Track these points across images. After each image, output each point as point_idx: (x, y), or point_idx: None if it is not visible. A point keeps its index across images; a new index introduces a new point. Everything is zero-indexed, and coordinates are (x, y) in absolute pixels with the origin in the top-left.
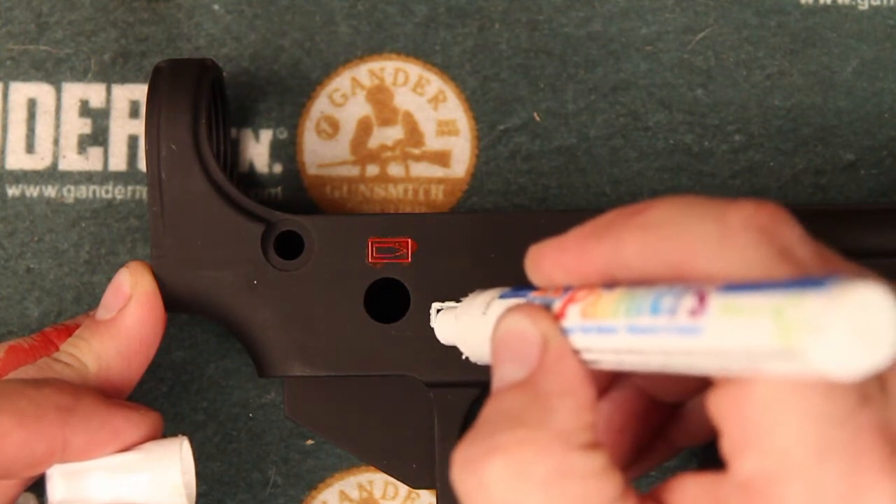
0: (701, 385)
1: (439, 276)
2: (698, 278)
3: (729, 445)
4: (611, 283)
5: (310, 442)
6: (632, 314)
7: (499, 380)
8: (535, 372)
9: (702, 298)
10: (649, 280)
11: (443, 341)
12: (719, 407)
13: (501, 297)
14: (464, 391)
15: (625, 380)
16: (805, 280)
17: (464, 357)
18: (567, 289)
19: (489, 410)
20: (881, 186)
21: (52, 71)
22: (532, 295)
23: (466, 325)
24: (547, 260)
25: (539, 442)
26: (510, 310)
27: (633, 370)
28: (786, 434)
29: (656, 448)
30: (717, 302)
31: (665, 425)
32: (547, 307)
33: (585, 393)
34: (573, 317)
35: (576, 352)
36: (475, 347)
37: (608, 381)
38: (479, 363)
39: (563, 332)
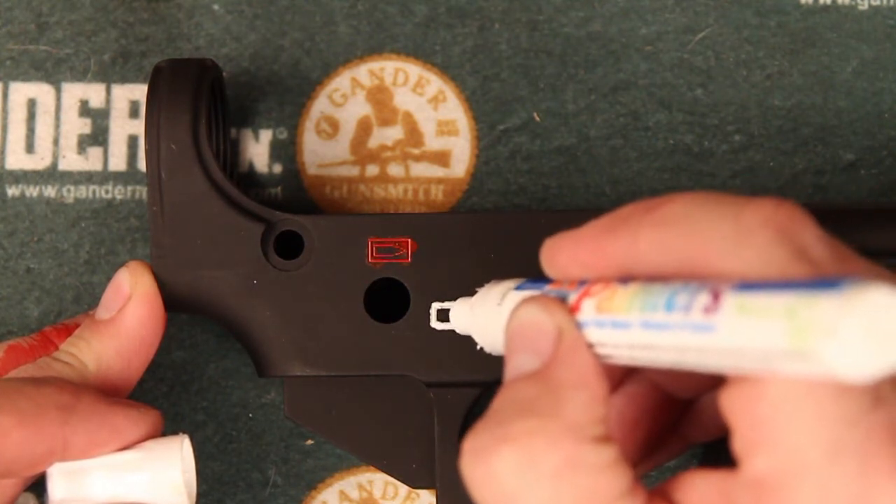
0: (715, 382)
1: (439, 276)
2: (714, 276)
3: (740, 443)
4: (626, 278)
5: (310, 442)
6: (646, 310)
7: (512, 370)
8: (548, 363)
9: (716, 296)
10: (664, 276)
11: (458, 331)
12: (731, 405)
13: (517, 288)
14: (464, 391)
15: (639, 374)
16: (819, 281)
17: (478, 347)
18: (582, 282)
19: (501, 400)
20: (881, 186)
21: (52, 71)
22: (547, 287)
23: (481, 315)
24: (562, 253)
25: (550, 433)
26: (526, 301)
27: (646, 365)
28: (798, 434)
29: (667, 443)
30: (732, 300)
31: (677, 421)
32: (562, 300)
33: (598, 386)
34: (588, 311)
35: (590, 345)
36: (489, 338)
37: (622, 375)
38: (493, 353)
39: (578, 326)
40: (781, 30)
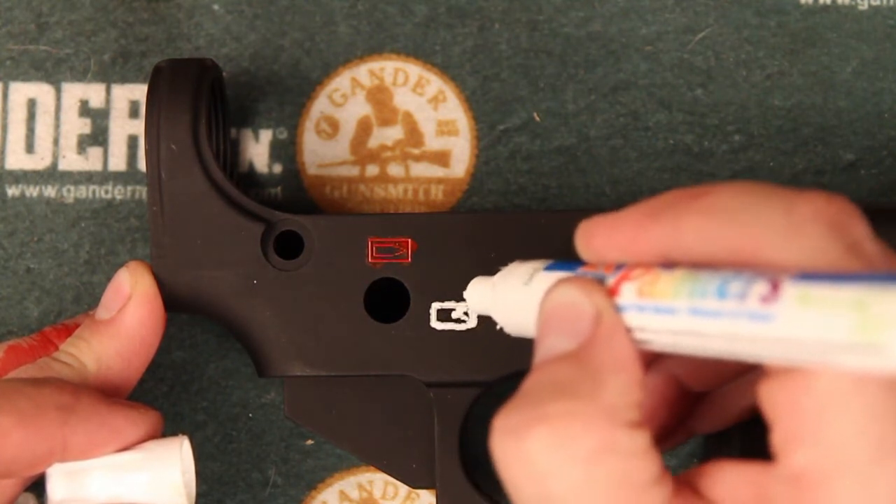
0: (733, 375)
1: (439, 276)
2: (763, 267)
3: (781, 436)
4: (668, 264)
5: (310, 442)
6: (695, 296)
7: (545, 351)
8: (586, 345)
9: (775, 286)
10: (708, 264)
11: (473, 310)
12: (774, 397)
13: (546, 269)
14: (464, 391)
15: (658, 366)
16: (889, 275)
17: (498, 327)
18: (619, 266)
19: (534, 381)
20: (881, 186)
21: (52, 71)
22: (582, 269)
23: (505, 294)
24: (599, 236)
25: (586, 415)
26: (562, 281)
27: (689, 353)
28: (844, 429)
29: (673, 434)
30: (793, 290)
31: (688, 412)
32: (600, 282)
33: (636, 370)
34: (628, 294)
35: (628, 329)
36: (513, 318)
37: (643, 367)
38: (513, 334)
39: (617, 309)
40: (781, 30)
